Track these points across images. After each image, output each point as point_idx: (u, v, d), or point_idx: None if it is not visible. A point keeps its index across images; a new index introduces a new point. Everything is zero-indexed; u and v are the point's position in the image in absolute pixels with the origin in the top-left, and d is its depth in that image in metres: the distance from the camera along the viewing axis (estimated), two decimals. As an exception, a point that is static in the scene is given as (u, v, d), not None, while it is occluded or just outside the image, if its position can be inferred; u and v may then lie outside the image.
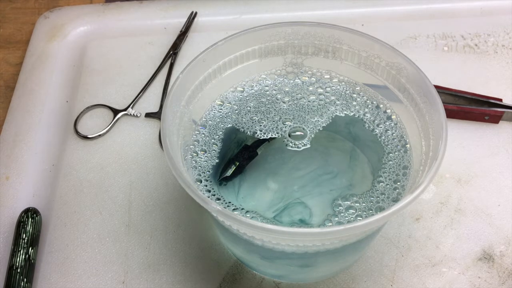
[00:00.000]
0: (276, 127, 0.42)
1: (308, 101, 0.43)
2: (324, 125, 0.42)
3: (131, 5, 0.63)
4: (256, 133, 0.42)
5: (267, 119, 0.42)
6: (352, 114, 0.42)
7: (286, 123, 0.42)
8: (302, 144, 0.41)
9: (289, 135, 0.41)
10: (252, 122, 0.42)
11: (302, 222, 0.38)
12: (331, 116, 0.42)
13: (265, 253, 0.37)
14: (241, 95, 0.44)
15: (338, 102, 0.43)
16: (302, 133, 0.42)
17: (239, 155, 0.41)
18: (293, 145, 0.41)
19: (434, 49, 0.58)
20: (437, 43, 0.59)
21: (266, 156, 0.41)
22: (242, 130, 0.42)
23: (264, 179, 0.40)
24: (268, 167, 0.41)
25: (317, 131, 0.42)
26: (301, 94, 0.43)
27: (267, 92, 0.44)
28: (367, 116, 0.42)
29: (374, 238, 0.43)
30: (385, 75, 0.41)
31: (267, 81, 0.44)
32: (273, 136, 0.41)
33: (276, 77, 0.44)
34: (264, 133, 0.42)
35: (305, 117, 0.42)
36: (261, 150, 0.41)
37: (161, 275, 0.43)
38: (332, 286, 0.42)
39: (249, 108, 0.43)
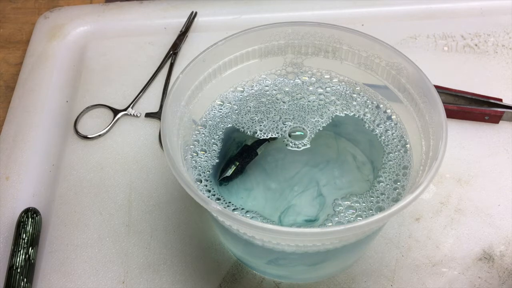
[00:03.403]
0: (276, 127, 0.42)
1: (308, 101, 0.43)
2: (324, 125, 0.42)
3: (131, 5, 0.63)
4: (256, 133, 0.42)
5: (267, 119, 0.42)
6: (352, 114, 0.42)
7: (286, 123, 0.42)
8: (302, 144, 0.41)
9: (289, 135, 0.41)
10: (252, 122, 0.42)
11: (302, 222, 0.38)
12: (331, 116, 0.42)
13: (265, 253, 0.37)
14: (241, 95, 0.44)
15: (338, 102, 0.43)
16: (302, 133, 0.42)
17: (239, 155, 0.41)
18: (293, 145, 0.41)
19: (434, 49, 0.58)
20: (437, 43, 0.59)
21: (266, 156, 0.41)
22: (242, 130, 0.42)
23: (264, 179, 0.40)
24: (268, 167, 0.41)
25: (317, 131, 0.42)
26: (301, 94, 0.43)
27: (267, 92, 0.44)
28: (367, 116, 0.42)
29: (374, 238, 0.43)
30: (385, 75, 0.41)
31: (267, 81, 0.44)
32: (273, 136, 0.41)
33: (276, 77, 0.44)
34: (264, 133, 0.42)
35: (305, 117, 0.42)
36: (261, 150, 0.41)
37: (161, 275, 0.43)
38: (332, 286, 0.42)
39: (249, 108, 0.43)
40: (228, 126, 0.42)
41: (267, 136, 0.42)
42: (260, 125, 0.42)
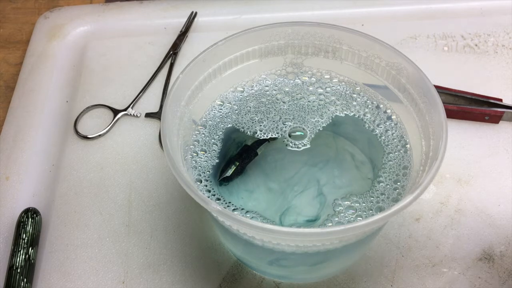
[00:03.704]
0: (276, 127, 0.42)
1: (308, 101, 0.43)
2: (324, 125, 0.42)
3: (131, 5, 0.63)
4: (256, 133, 0.42)
5: (267, 119, 0.42)
6: (352, 114, 0.42)
7: (286, 123, 0.42)
8: (302, 144, 0.41)
9: (289, 135, 0.41)
10: (252, 122, 0.42)
11: (303, 222, 0.38)
12: (331, 116, 0.42)
13: (265, 253, 0.37)
14: (241, 95, 0.44)
15: (338, 102, 0.43)
16: (302, 133, 0.42)
17: (239, 155, 0.41)
18: (293, 145, 0.41)
19: (434, 49, 0.58)
20: (437, 43, 0.59)
21: (266, 156, 0.41)
22: (242, 130, 0.42)
23: (264, 179, 0.40)
24: (268, 167, 0.41)
25: (317, 131, 0.42)
26: (301, 94, 0.43)
27: (267, 92, 0.44)
28: (367, 116, 0.42)
29: (374, 238, 0.43)
30: (385, 75, 0.41)
31: (267, 81, 0.44)
32: (273, 136, 0.41)
33: (276, 77, 0.44)
34: (264, 133, 0.42)
35: (305, 117, 0.42)
36: (261, 150, 0.41)
37: (161, 275, 0.43)
38: (332, 286, 0.42)
39: (249, 108, 0.43)
40: (228, 126, 0.42)
41: (267, 136, 0.42)
42: (260, 125, 0.42)
